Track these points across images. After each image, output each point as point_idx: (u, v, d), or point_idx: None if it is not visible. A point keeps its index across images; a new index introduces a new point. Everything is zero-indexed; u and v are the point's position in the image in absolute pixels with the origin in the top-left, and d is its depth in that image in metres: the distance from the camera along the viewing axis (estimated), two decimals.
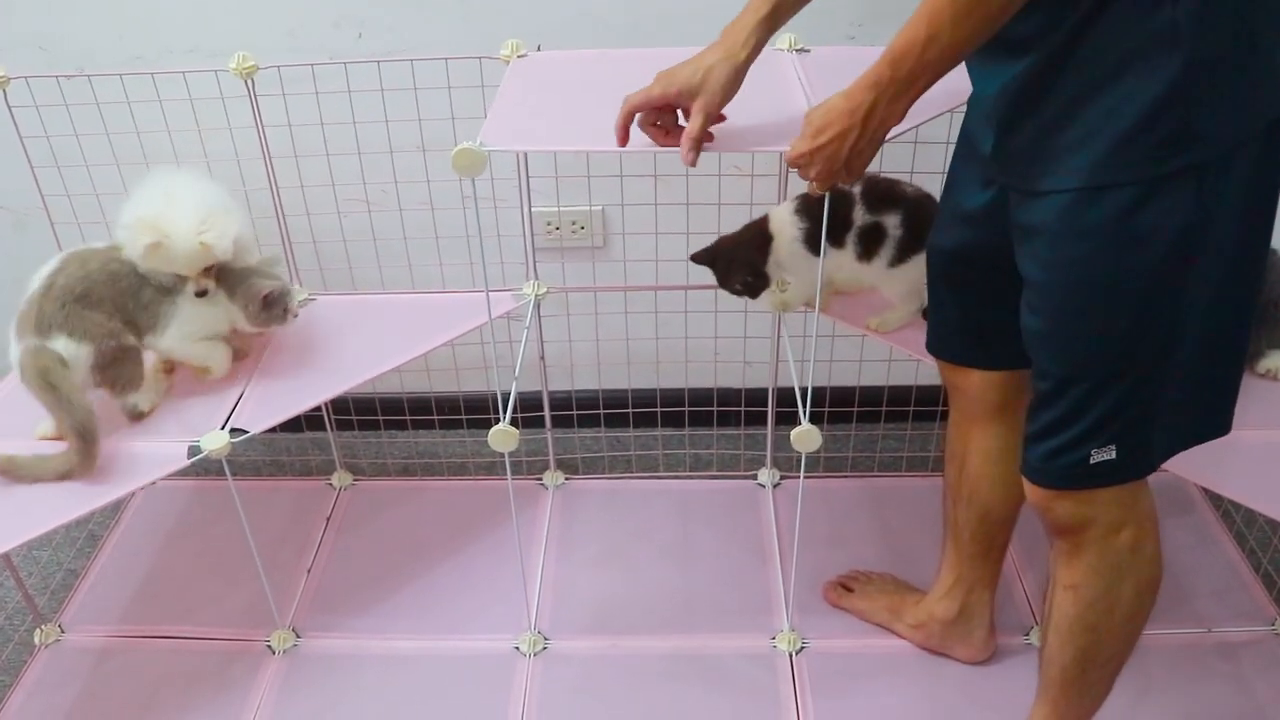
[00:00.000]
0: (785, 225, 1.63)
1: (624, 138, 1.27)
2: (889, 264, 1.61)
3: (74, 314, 1.51)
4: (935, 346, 1.48)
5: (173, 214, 1.51)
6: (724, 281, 1.68)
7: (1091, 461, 1.16)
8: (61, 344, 1.50)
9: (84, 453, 1.46)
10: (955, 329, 1.44)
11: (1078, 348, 1.13)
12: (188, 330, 1.58)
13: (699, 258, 1.68)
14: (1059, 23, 1.01)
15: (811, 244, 1.60)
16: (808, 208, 1.61)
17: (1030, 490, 1.24)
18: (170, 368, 1.67)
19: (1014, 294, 1.18)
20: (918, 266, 1.55)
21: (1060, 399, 1.16)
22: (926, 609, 1.68)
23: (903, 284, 1.64)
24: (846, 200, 1.59)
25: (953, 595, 1.64)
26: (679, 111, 1.26)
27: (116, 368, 1.54)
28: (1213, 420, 1.20)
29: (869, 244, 1.60)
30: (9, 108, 1.67)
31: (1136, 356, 1.10)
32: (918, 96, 1.12)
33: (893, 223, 1.59)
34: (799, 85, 1.47)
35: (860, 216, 1.59)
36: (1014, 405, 1.43)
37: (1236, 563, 1.86)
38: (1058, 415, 1.16)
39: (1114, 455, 1.15)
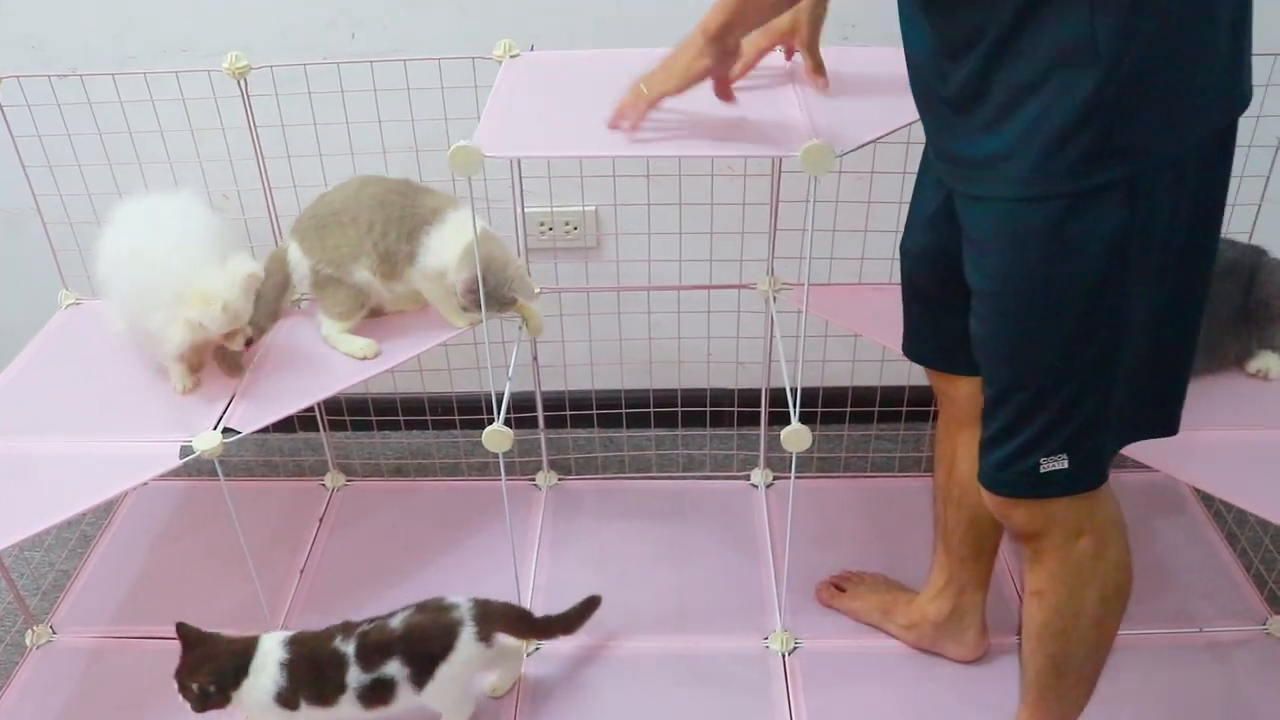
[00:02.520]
0: (264, 671, 1.44)
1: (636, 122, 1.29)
2: (416, 690, 1.49)
3: (315, 229, 1.62)
4: (909, 350, 1.49)
5: (200, 271, 1.50)
6: (183, 688, 1.44)
7: (1042, 470, 1.16)
8: (292, 249, 1.65)
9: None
10: (924, 334, 1.44)
11: (1017, 354, 1.13)
12: (423, 264, 1.59)
13: (183, 631, 1.46)
14: (986, 29, 1.00)
15: (285, 703, 1.44)
16: (294, 663, 1.45)
17: (986, 497, 1.24)
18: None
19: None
20: (451, 676, 1.48)
21: (1005, 406, 1.15)
22: (919, 609, 1.68)
23: (445, 694, 1.52)
24: (339, 660, 1.46)
25: (944, 596, 1.64)
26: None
27: (319, 290, 1.65)
28: (1158, 421, 1.20)
29: (378, 695, 1.47)
30: (1, 107, 1.67)
31: (1077, 364, 1.10)
32: None
33: (394, 669, 1.46)
34: (792, 85, 1.47)
35: (355, 678, 1.45)
36: None
37: (1228, 563, 1.87)
38: (1004, 422, 1.16)
39: (1066, 465, 1.15)
